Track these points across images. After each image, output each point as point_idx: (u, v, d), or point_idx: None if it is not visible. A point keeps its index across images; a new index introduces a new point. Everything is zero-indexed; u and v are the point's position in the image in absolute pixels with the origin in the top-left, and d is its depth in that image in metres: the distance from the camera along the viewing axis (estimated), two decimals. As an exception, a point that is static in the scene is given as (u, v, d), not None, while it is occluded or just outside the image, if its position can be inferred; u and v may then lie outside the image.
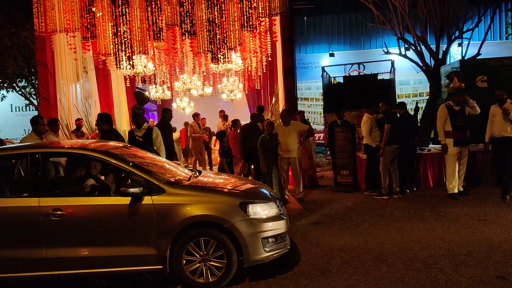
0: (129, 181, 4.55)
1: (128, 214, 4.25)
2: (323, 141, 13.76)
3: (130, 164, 4.52)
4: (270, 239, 4.42)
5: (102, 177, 5.55)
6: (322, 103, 12.72)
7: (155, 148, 7.54)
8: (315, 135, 15.91)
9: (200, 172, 5.33)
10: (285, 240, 4.68)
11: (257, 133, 8.62)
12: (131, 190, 4.17)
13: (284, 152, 8.34)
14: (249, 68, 13.70)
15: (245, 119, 12.81)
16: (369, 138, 8.58)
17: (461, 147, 7.85)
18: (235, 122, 10.38)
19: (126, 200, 4.24)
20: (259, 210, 4.45)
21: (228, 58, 10.60)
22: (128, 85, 14.56)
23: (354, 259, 4.92)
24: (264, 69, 12.35)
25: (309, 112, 16.19)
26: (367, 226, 6.31)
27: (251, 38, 11.59)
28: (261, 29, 11.09)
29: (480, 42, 12.56)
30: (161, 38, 10.44)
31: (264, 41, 11.48)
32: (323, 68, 11.11)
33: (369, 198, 8.30)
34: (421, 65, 12.71)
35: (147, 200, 4.25)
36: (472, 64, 10.22)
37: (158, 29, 10.31)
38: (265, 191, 5.03)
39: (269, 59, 12.09)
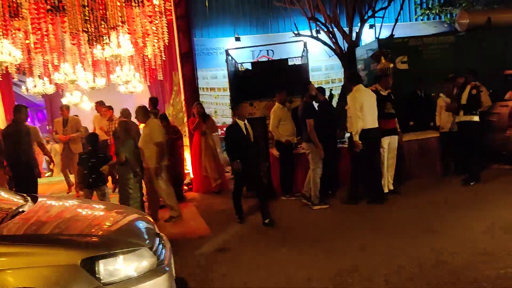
0: None
1: None
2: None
3: None
4: (141, 314, 2.72)
5: None
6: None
7: None
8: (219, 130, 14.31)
9: (35, 200, 3.46)
10: (169, 306, 3.00)
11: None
12: None
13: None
14: (145, 55, 11.79)
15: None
16: (277, 131, 7.20)
17: (390, 138, 6.71)
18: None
19: None
20: (120, 267, 2.73)
21: (110, 40, 8.64)
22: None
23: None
24: (164, 56, 10.42)
25: (216, 103, 14.55)
26: (287, 249, 4.84)
27: (140, 18, 9.67)
28: (152, 7, 9.22)
29: (393, 24, 11.79)
30: (20, 15, 8.20)
31: (159, 21, 9.61)
32: (227, 51, 9.54)
33: (287, 204, 6.89)
34: (334, 48, 11.66)
35: None
36: (391, 44, 9.20)
37: (15, 5, 8.05)
38: (140, 226, 3.32)
39: (166, 43, 10.30)
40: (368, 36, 13.85)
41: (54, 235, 2.86)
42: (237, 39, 13.73)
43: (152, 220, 3.70)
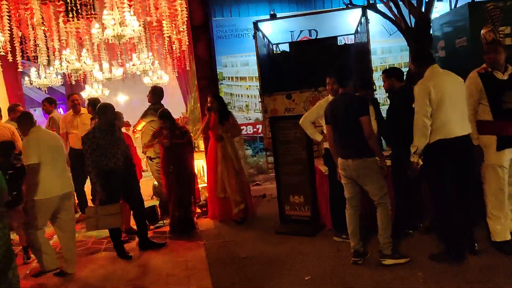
0: None
1: None
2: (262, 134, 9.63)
3: None
4: None
5: None
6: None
7: None
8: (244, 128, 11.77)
9: None
10: None
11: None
12: None
13: None
14: (171, 40, 9.71)
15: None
16: (317, 134, 4.88)
17: (512, 150, 4.13)
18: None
19: None
20: None
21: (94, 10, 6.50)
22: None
23: None
24: (187, 40, 8.11)
25: (248, 96, 12.16)
26: None
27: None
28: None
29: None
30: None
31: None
32: (256, 24, 7.09)
33: (342, 252, 4.41)
34: (396, 21, 9.02)
35: None
36: (487, 10, 6.47)
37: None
38: None
39: (184, 20, 8.10)
40: (436, 9, 11.08)
41: None
42: (273, 16, 11.24)
43: None
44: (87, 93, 13.17)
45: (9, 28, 7.92)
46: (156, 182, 6.74)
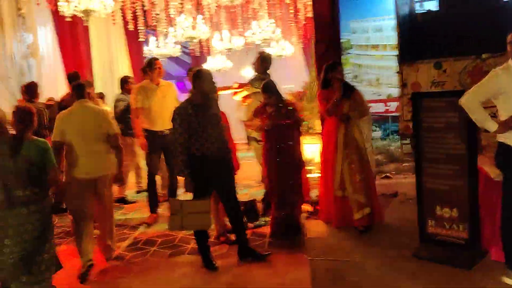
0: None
1: None
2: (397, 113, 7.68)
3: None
4: None
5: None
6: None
7: None
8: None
9: None
10: None
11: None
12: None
13: None
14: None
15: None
16: (488, 121, 3.18)
17: None
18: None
19: None
20: None
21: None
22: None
23: None
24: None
25: (379, 67, 10.36)
26: None
27: None
28: None
29: None
30: None
31: None
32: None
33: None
34: None
35: None
36: None
37: None
38: None
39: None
40: None
41: None
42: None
43: None
44: (209, 65, 12.62)
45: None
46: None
